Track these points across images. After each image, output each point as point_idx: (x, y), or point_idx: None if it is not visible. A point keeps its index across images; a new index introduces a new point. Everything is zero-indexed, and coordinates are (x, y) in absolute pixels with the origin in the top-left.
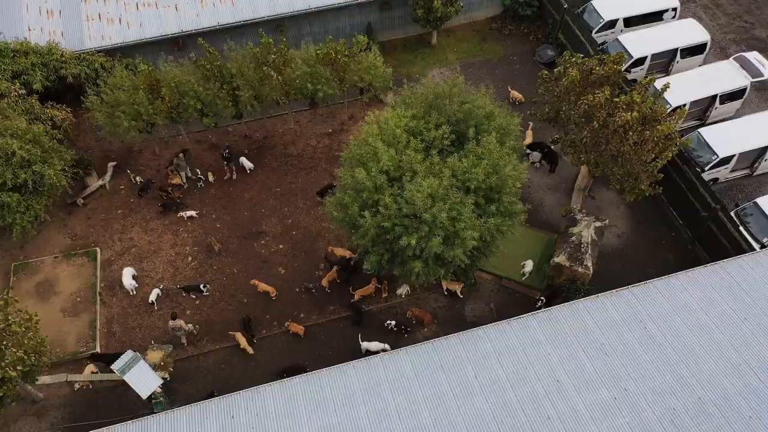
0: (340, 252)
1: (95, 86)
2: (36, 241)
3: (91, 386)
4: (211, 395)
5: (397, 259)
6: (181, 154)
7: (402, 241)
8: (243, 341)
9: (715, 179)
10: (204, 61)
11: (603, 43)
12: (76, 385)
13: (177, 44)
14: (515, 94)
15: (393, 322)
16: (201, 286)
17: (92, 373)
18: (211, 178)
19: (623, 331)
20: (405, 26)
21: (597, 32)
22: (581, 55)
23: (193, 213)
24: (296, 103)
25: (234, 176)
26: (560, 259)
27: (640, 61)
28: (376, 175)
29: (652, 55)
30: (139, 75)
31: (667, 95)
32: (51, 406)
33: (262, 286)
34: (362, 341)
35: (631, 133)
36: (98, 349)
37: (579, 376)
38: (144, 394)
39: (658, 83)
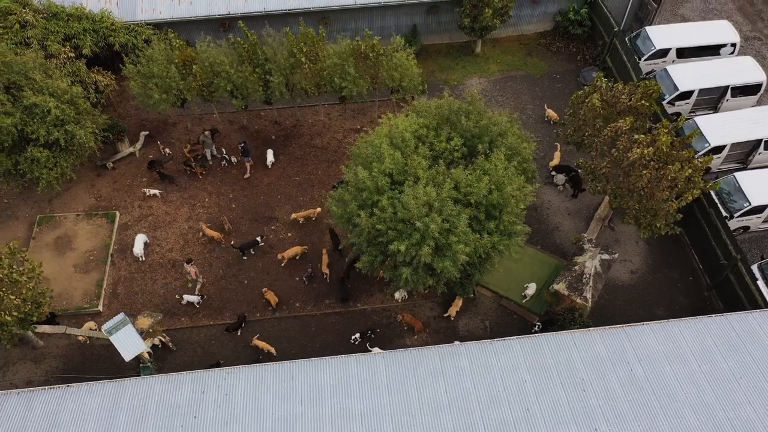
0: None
1: (135, 56)
2: (64, 198)
3: (88, 341)
4: (217, 365)
5: (389, 263)
6: (207, 132)
7: (392, 246)
8: (266, 345)
9: (746, 227)
10: (241, 41)
11: (651, 72)
12: (80, 338)
13: (223, 25)
14: (551, 113)
15: (357, 335)
16: (258, 238)
17: (90, 329)
18: (234, 159)
19: (607, 370)
20: (450, 32)
21: (647, 60)
22: (607, 81)
23: (156, 192)
24: (329, 96)
25: (249, 173)
26: (560, 286)
27: (686, 95)
28: (377, 176)
29: (700, 90)
30: (175, 50)
31: (707, 133)
32: (49, 355)
33: (209, 232)
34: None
35: (645, 171)
36: (100, 308)
37: (551, 408)
38: (126, 357)
39: (700, 121)
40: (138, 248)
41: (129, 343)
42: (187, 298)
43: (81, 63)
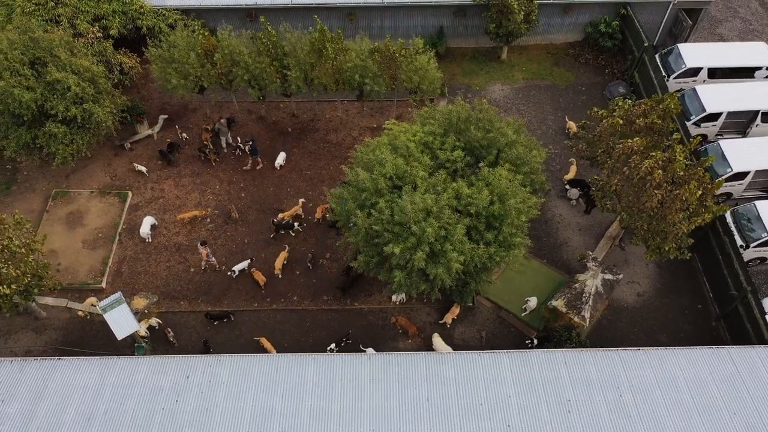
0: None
1: (158, 41)
2: (80, 174)
3: (89, 317)
4: (205, 345)
5: (385, 265)
6: (223, 120)
7: (387, 248)
8: (268, 345)
9: (763, 258)
10: (261, 35)
11: (679, 90)
12: (80, 313)
13: (250, 15)
14: (571, 125)
15: (333, 346)
16: (295, 225)
17: (92, 305)
18: (248, 148)
19: (595, 393)
20: (477, 36)
21: (676, 78)
22: (630, 102)
23: (143, 169)
24: (348, 92)
25: (258, 167)
26: (558, 303)
27: (713, 117)
28: (377, 177)
29: (729, 113)
30: (196, 37)
31: (730, 158)
32: (50, 327)
33: (187, 215)
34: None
35: (657, 191)
36: (103, 285)
37: (532, 426)
38: (119, 336)
39: (724, 144)
40: (145, 229)
41: (122, 322)
42: (236, 267)
43: (108, 44)
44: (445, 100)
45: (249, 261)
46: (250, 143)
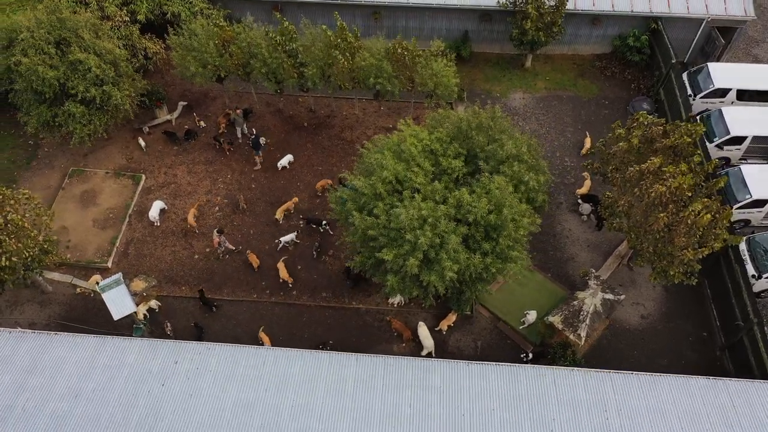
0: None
1: (180, 28)
2: (98, 154)
3: (92, 294)
4: (196, 327)
5: (380, 267)
6: (239, 110)
7: (380, 254)
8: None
9: None
10: (273, 32)
11: (704, 111)
12: (78, 290)
13: (276, 8)
14: (588, 143)
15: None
16: (323, 222)
17: (96, 284)
18: (263, 141)
19: (581, 415)
20: (502, 43)
21: (703, 97)
22: (651, 118)
23: (143, 144)
24: (367, 91)
25: (259, 165)
26: (555, 319)
27: (738, 140)
28: (375, 183)
29: (755, 137)
30: (214, 28)
31: (750, 184)
32: (55, 301)
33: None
34: None
35: (663, 214)
36: (109, 265)
37: None
38: (115, 316)
39: (745, 169)
40: (153, 213)
41: (119, 302)
42: (283, 239)
43: (135, 28)
44: (464, 105)
45: (295, 233)
46: (252, 137)
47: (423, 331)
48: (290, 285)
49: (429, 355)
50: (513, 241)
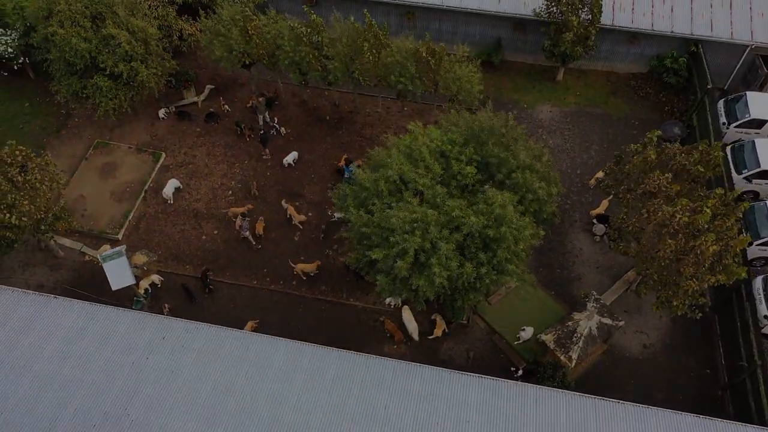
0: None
1: (212, 12)
2: (124, 129)
3: (99, 263)
4: (184, 288)
5: (374, 267)
6: (261, 98)
7: (371, 252)
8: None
9: None
10: (299, 25)
11: (737, 141)
12: (86, 257)
13: (310, 0)
14: (601, 174)
15: None
16: (335, 214)
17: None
18: (284, 131)
19: None
20: (535, 53)
21: (738, 126)
22: (670, 145)
23: (162, 113)
24: (391, 90)
25: (266, 155)
26: (547, 337)
27: None
28: (378, 179)
29: None
30: (240, 17)
31: None
32: (65, 267)
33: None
34: None
35: (672, 241)
36: (119, 237)
37: None
38: (114, 286)
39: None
40: (168, 191)
41: (119, 273)
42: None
43: (172, 9)
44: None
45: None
46: (262, 132)
47: (407, 315)
48: (301, 227)
49: (412, 338)
50: (512, 254)
